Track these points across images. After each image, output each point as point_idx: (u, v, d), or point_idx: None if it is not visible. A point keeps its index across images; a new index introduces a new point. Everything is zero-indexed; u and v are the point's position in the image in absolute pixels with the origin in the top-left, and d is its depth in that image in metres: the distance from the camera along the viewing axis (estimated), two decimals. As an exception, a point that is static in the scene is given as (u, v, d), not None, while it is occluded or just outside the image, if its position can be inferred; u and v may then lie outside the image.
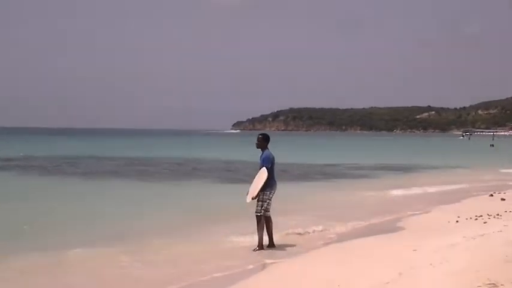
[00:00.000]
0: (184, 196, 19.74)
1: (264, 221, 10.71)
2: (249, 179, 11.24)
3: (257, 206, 10.62)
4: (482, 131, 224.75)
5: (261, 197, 10.57)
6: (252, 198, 10.57)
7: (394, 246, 10.36)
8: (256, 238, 10.76)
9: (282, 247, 10.84)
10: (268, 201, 10.71)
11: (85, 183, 24.14)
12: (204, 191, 21.96)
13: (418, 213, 15.45)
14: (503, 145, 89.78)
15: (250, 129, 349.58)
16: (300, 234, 12.16)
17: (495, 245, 9.59)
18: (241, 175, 26.11)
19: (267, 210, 10.74)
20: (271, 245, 10.85)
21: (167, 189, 22.59)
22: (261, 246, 10.62)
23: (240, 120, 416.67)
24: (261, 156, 10.93)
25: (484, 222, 12.60)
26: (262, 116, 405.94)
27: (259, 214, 10.63)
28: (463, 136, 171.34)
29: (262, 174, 10.58)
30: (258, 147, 11.00)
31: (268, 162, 10.66)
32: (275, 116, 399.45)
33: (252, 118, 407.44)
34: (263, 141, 10.94)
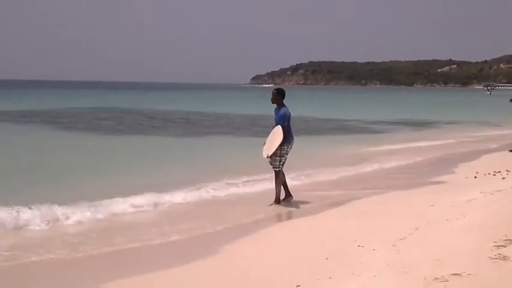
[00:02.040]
0: (204, 149, 19.89)
1: (282, 176, 10.77)
2: (266, 134, 11.22)
3: (275, 161, 10.61)
4: (504, 85, 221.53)
5: (278, 152, 10.53)
6: (267, 156, 10.56)
7: (411, 202, 10.39)
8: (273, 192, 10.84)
9: (298, 203, 10.84)
10: (286, 155, 10.71)
11: (110, 138, 24.29)
12: (223, 144, 22.07)
13: (436, 169, 15.43)
14: None
15: (269, 83, 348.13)
16: (317, 190, 12.15)
17: (513, 201, 9.59)
18: (259, 128, 26.09)
19: (282, 164, 10.73)
20: (288, 195, 10.88)
21: (184, 143, 22.74)
22: (278, 200, 10.69)
23: (259, 73, 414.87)
24: (276, 111, 10.87)
25: (503, 178, 12.55)
26: (281, 69, 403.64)
27: (277, 169, 10.65)
28: (487, 91, 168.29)
29: (278, 133, 10.52)
30: (273, 103, 10.92)
31: (285, 120, 10.60)
32: (294, 69, 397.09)
33: (271, 72, 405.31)
34: (277, 96, 10.85)
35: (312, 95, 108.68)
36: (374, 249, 6.93)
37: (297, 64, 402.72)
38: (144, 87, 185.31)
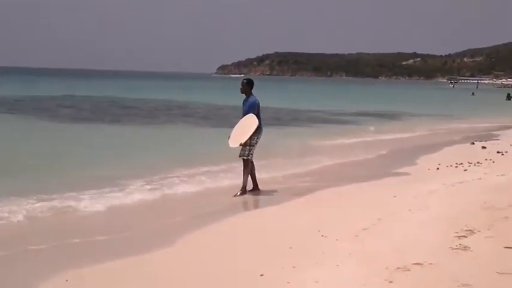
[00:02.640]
0: (167, 140, 19.74)
1: (251, 166, 10.79)
2: (232, 124, 11.20)
3: (244, 151, 10.60)
4: (467, 79, 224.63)
5: (248, 141, 10.54)
6: (240, 144, 10.55)
7: (374, 193, 10.46)
8: (239, 182, 10.84)
9: (262, 194, 10.83)
10: (255, 145, 10.73)
11: (73, 127, 23.95)
12: (187, 134, 21.96)
13: (399, 159, 15.59)
14: (483, 94, 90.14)
15: (235, 73, 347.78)
16: (281, 181, 12.17)
17: (474, 192, 9.76)
18: (225, 119, 26.04)
19: (251, 154, 10.73)
20: (256, 187, 10.93)
21: (149, 132, 22.57)
22: (244, 190, 10.69)
23: (225, 63, 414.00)
24: (244, 101, 10.90)
25: (464, 170, 12.75)
26: (247, 59, 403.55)
27: (245, 158, 10.65)
28: (451, 84, 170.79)
29: (252, 121, 10.54)
30: (242, 92, 10.92)
31: (255, 109, 10.64)
32: (260, 60, 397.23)
33: (238, 62, 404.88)
34: (247, 86, 10.87)
35: (278, 86, 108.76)
36: (337, 239, 6.98)
37: (263, 54, 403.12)
38: (108, 75, 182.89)
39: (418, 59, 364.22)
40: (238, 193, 10.61)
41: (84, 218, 8.78)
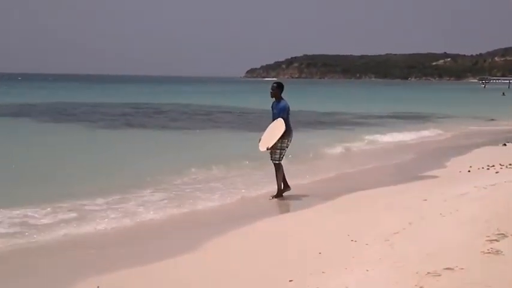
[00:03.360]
0: (196, 144, 19.84)
1: (282, 169, 10.83)
2: (263, 128, 11.24)
3: (275, 154, 10.73)
4: (498, 79, 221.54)
5: (279, 145, 10.65)
6: (267, 149, 10.62)
7: (404, 196, 10.39)
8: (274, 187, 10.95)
9: (292, 198, 10.88)
10: (286, 149, 10.82)
11: (92, 132, 24.16)
12: (216, 139, 22.01)
13: (429, 161, 15.46)
14: None
15: (264, 77, 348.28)
16: (311, 185, 12.18)
17: (506, 195, 9.60)
18: (255, 123, 26.07)
19: (282, 158, 10.85)
20: (286, 186, 10.98)
21: (179, 137, 22.68)
22: (279, 193, 10.78)
23: (253, 67, 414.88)
24: (274, 105, 10.97)
25: (496, 172, 12.58)
26: (276, 63, 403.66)
27: (277, 162, 10.77)
28: (482, 84, 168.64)
29: (280, 125, 10.63)
30: (272, 96, 10.98)
31: (285, 113, 10.71)
32: (289, 62, 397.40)
33: (266, 65, 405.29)
34: (278, 90, 10.91)
35: (307, 88, 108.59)
36: (367, 244, 6.95)
37: (291, 57, 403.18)
38: (143, 80, 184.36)
39: (449, 59, 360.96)
40: (272, 197, 10.69)
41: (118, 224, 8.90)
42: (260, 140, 10.87)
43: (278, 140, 10.57)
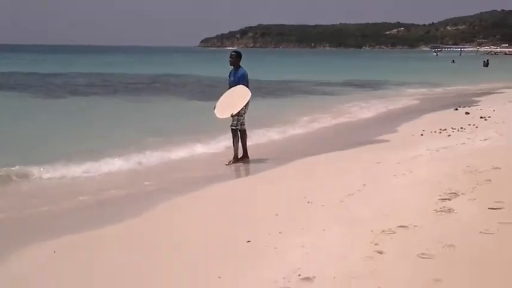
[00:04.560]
0: (158, 113, 19.70)
1: (239, 135, 10.90)
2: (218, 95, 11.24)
3: (233, 121, 10.82)
4: (450, 47, 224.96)
5: (242, 112, 10.78)
6: (232, 115, 10.67)
7: (358, 160, 10.53)
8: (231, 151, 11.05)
9: (251, 162, 11.02)
10: (244, 115, 10.88)
11: (42, 102, 23.67)
12: (174, 108, 21.84)
13: (383, 125, 15.68)
14: (464, 61, 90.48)
15: (219, 46, 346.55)
16: (266, 150, 12.23)
17: (457, 157, 9.80)
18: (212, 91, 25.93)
19: (242, 124, 10.94)
20: (245, 156, 11.09)
21: (130, 107, 22.35)
22: (236, 159, 10.86)
23: (208, 36, 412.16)
24: (233, 73, 11.09)
25: (448, 135, 12.82)
26: (230, 32, 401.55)
27: (234, 128, 10.87)
28: (435, 52, 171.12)
29: (244, 91, 10.76)
30: (231, 65, 11.10)
31: (245, 80, 10.88)
32: (244, 32, 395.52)
33: (221, 34, 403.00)
34: (237, 59, 11.06)
35: (261, 58, 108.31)
36: (323, 205, 7.03)
37: (246, 27, 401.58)
38: (91, 50, 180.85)
39: (402, 28, 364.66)
40: (230, 162, 10.76)
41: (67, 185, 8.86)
42: (215, 107, 10.86)
43: (242, 107, 10.64)
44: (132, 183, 9.28)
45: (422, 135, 13.30)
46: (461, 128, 13.69)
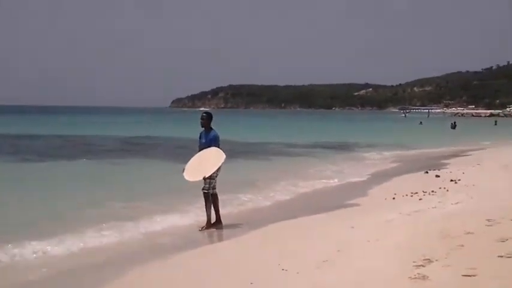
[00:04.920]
0: (125, 176, 19.48)
1: (211, 199, 10.79)
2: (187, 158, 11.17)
3: (205, 184, 10.67)
4: (418, 108, 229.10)
5: (214, 174, 10.64)
6: (204, 178, 10.54)
7: (331, 224, 10.53)
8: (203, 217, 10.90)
9: (224, 227, 10.86)
10: (215, 178, 10.78)
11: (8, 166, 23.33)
12: (144, 170, 21.68)
13: (355, 189, 15.74)
14: (431, 123, 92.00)
15: (190, 107, 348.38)
16: (237, 215, 12.17)
17: (430, 221, 9.87)
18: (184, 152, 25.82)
19: (214, 187, 10.81)
20: (218, 221, 10.90)
21: (107, 169, 22.13)
22: (209, 224, 10.73)
23: (179, 97, 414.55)
24: (204, 135, 11.02)
25: (420, 199, 12.92)
26: (201, 92, 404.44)
27: (206, 191, 10.72)
28: (403, 114, 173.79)
29: (220, 154, 10.65)
30: (202, 126, 11.04)
31: (217, 142, 10.84)
32: (215, 93, 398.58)
33: (192, 95, 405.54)
34: (208, 120, 11.02)
35: (231, 119, 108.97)
36: (298, 272, 6.99)
37: (217, 87, 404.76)
38: (59, 111, 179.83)
39: (370, 89, 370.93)
40: (203, 227, 10.65)
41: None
42: (184, 169, 10.74)
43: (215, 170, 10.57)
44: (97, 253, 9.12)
45: (394, 198, 13.38)
46: (432, 191, 13.82)
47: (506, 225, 8.55)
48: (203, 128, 11.06)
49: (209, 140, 10.85)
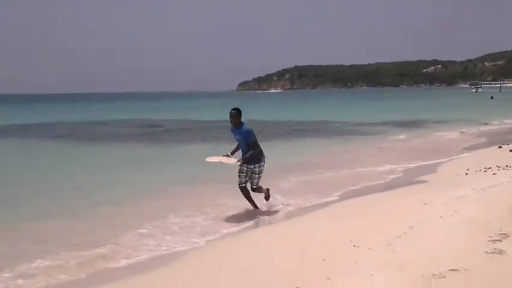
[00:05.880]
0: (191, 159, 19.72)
1: (247, 191, 10.46)
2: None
3: (240, 178, 10.40)
4: (489, 83, 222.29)
5: (256, 170, 10.35)
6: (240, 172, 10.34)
7: (403, 201, 10.37)
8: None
9: (293, 206, 10.84)
10: (259, 174, 10.41)
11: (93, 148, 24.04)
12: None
13: (425, 167, 15.46)
14: (503, 97, 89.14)
15: (256, 89, 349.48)
16: (308, 192, 12.09)
17: (504, 196, 9.61)
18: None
19: (253, 184, 10.45)
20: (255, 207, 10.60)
21: (174, 152, 22.47)
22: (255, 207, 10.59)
23: (245, 80, 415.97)
24: (235, 130, 10.40)
25: (493, 174, 12.60)
26: (267, 75, 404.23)
27: (241, 185, 10.43)
28: (474, 89, 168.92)
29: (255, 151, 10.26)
30: (234, 125, 10.37)
31: (253, 136, 10.23)
32: (281, 74, 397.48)
33: (258, 77, 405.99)
34: (237, 117, 10.28)
35: (299, 99, 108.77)
36: (370, 249, 6.92)
37: (283, 69, 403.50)
38: (130, 97, 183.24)
39: (439, 65, 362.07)
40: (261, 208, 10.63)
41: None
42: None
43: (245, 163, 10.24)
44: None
45: (466, 174, 13.08)
46: (507, 166, 13.44)
47: None
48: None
49: (245, 136, 10.22)
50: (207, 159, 10.52)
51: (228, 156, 10.52)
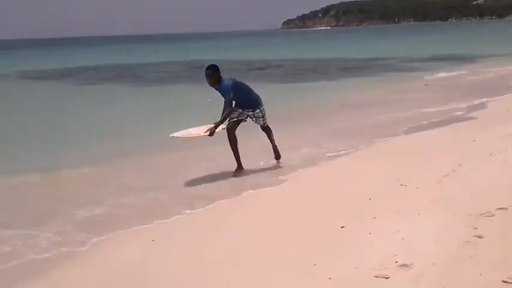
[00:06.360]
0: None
1: (232, 136, 8.91)
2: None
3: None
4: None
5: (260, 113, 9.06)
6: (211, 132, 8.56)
7: (452, 138, 10.23)
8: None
9: (340, 144, 10.47)
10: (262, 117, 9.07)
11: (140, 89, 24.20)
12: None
13: (474, 103, 15.13)
14: None
15: (301, 27, 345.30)
16: (353, 132, 11.85)
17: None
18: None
19: (263, 124, 9.20)
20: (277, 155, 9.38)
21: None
22: (238, 169, 9.02)
23: (290, 18, 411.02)
24: (218, 88, 8.74)
25: (545, 110, 12.32)
26: (312, 12, 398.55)
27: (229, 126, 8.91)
28: None
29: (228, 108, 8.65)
30: (211, 84, 8.75)
31: (230, 91, 8.57)
32: (326, 11, 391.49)
33: (302, 15, 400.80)
34: (213, 75, 8.67)
35: (345, 36, 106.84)
36: (417, 188, 6.88)
37: (328, 6, 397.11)
38: (176, 38, 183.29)
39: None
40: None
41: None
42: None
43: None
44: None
45: (517, 110, 12.81)
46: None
47: None
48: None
49: (223, 93, 8.64)
50: (173, 135, 8.85)
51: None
